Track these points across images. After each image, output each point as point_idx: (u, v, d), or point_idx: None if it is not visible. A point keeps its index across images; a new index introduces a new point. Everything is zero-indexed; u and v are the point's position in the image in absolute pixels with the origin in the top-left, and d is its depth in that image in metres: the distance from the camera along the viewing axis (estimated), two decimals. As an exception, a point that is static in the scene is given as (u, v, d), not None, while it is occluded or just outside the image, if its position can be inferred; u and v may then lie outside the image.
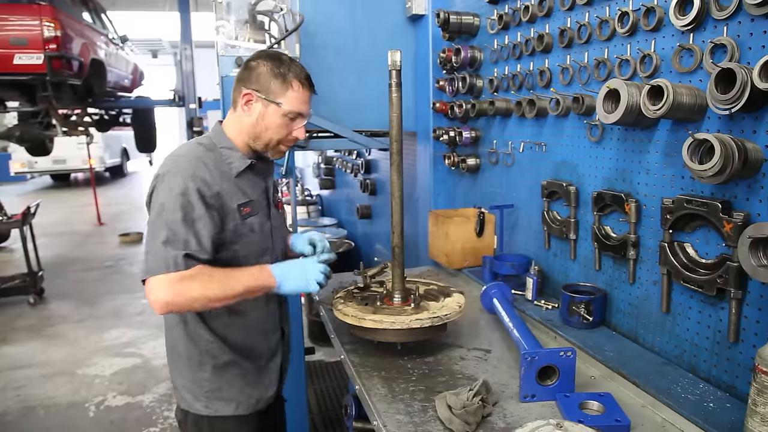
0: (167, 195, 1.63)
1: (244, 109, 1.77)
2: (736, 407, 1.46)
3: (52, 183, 18.15)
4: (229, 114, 1.84)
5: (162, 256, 1.58)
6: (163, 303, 1.58)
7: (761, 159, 1.42)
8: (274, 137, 1.80)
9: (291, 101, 1.76)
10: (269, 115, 1.76)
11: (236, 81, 1.79)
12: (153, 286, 1.58)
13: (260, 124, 1.77)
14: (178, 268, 1.58)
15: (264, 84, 1.74)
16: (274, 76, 1.74)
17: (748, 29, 1.44)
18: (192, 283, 1.59)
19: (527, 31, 2.42)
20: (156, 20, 18.90)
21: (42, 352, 5.26)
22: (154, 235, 1.61)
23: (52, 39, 6.84)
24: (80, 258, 8.73)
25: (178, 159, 1.71)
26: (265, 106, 1.75)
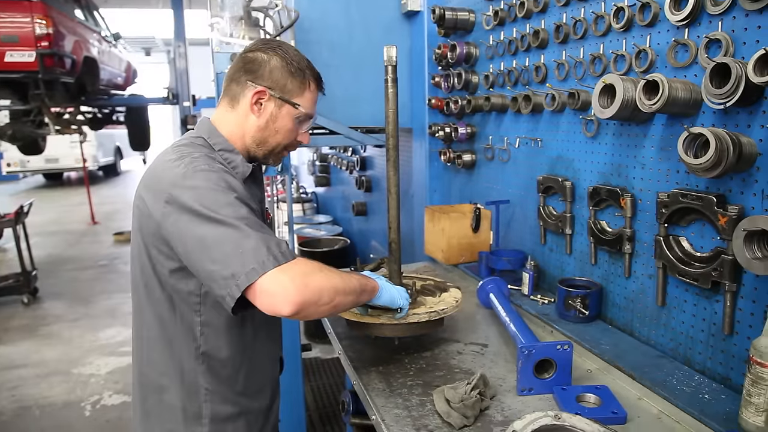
0: (211, 194, 1.28)
1: (253, 110, 1.51)
2: (731, 398, 1.47)
3: (45, 182, 18.04)
4: (224, 111, 1.55)
5: (263, 248, 1.22)
6: (294, 299, 1.22)
7: (755, 153, 1.43)
8: (282, 142, 1.57)
9: (307, 102, 1.55)
10: (282, 118, 1.53)
11: (238, 73, 1.52)
12: (272, 284, 1.21)
13: (270, 127, 1.53)
14: (287, 258, 1.25)
15: (280, 81, 1.50)
16: (291, 73, 1.51)
17: (743, 24, 1.45)
18: (315, 273, 1.30)
19: (523, 27, 2.43)
20: (149, 18, 18.83)
21: (36, 352, 5.24)
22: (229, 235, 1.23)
23: (43, 36, 6.79)
24: (74, 257, 8.69)
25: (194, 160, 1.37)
26: (278, 107, 1.51)
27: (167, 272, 1.41)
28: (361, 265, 2.16)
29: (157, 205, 1.33)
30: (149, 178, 1.42)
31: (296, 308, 1.22)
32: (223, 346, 1.50)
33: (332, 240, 5.65)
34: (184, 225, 1.28)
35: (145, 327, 1.51)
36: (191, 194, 1.28)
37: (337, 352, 2.03)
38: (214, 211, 1.26)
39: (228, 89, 1.55)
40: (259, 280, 1.20)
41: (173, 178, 1.33)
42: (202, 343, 1.48)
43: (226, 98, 1.55)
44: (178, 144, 1.49)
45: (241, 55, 1.55)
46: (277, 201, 5.72)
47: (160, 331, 1.48)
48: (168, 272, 1.41)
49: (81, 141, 10.09)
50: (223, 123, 1.55)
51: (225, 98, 1.56)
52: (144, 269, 1.46)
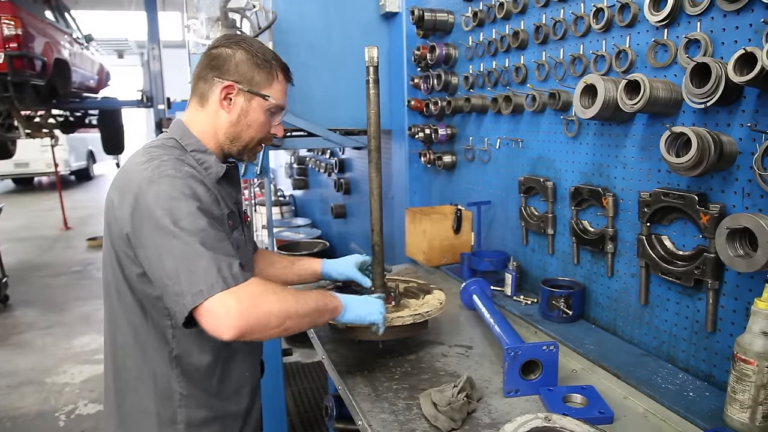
0: (173, 203, 1.27)
1: (223, 105, 1.49)
2: (715, 395, 1.48)
3: (15, 187, 17.61)
4: (194, 111, 1.53)
5: (213, 270, 1.21)
6: (237, 323, 1.20)
7: (736, 151, 1.44)
8: (255, 136, 1.55)
9: (276, 94, 1.54)
10: (253, 111, 1.51)
11: (205, 71, 1.50)
12: (217, 307, 1.20)
13: (242, 121, 1.51)
14: (237, 281, 1.23)
15: (247, 74, 1.48)
16: (257, 65, 1.49)
17: (721, 24, 1.47)
18: (265, 295, 1.27)
19: (502, 28, 2.43)
20: (122, 20, 18.52)
21: (7, 361, 5.09)
22: (184, 250, 1.23)
23: (12, 38, 6.62)
24: (46, 263, 8.48)
25: (162, 164, 1.35)
26: (248, 100, 1.50)
27: (135, 276, 1.39)
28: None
29: (124, 208, 1.32)
30: (119, 180, 1.40)
31: (239, 333, 1.20)
32: (196, 351, 1.47)
33: (311, 243, 5.61)
34: (145, 232, 1.28)
35: (119, 332, 1.48)
36: (154, 201, 1.27)
37: (321, 356, 2.00)
38: (174, 222, 1.25)
39: (196, 88, 1.53)
40: (205, 302, 1.20)
41: (139, 182, 1.31)
42: (175, 347, 1.45)
43: (195, 97, 1.54)
44: (150, 145, 1.48)
45: (205, 53, 1.53)
46: (255, 204, 5.66)
47: (132, 336, 1.45)
48: (136, 276, 1.39)
49: (52, 145, 9.86)
50: (195, 123, 1.53)
51: (194, 98, 1.54)
52: (115, 273, 1.43)
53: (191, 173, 1.37)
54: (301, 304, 1.37)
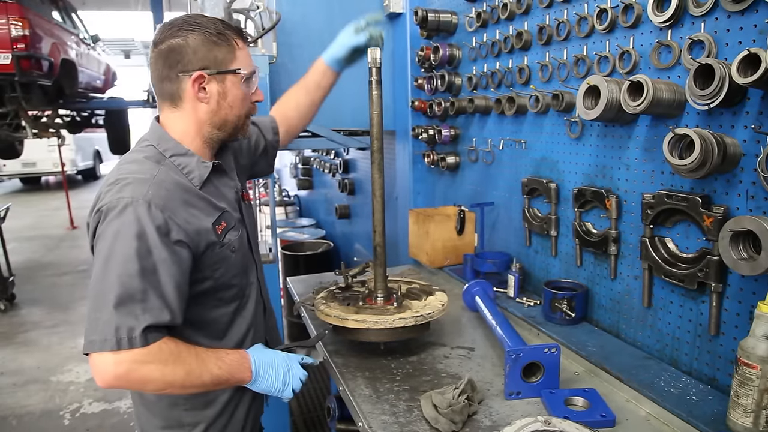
0: (116, 240, 1.26)
1: (199, 97, 1.42)
2: (718, 399, 1.47)
3: (22, 186, 17.72)
4: (169, 113, 1.47)
5: (112, 326, 1.22)
6: (109, 380, 1.26)
7: (739, 153, 1.43)
8: (241, 113, 1.50)
9: (243, 62, 1.46)
10: (230, 90, 1.45)
11: (165, 70, 1.41)
12: (97, 364, 1.24)
13: (223, 105, 1.45)
14: (133, 346, 1.24)
15: (209, 57, 1.39)
16: (214, 43, 1.40)
17: (725, 25, 1.46)
18: (152, 364, 1.27)
19: (506, 29, 2.42)
20: (128, 20, 18.59)
21: (13, 360, 5.13)
22: (101, 292, 1.25)
23: (20, 38, 6.66)
24: (52, 263, 8.53)
25: (123, 188, 1.31)
26: (221, 82, 1.43)
27: None
28: (345, 270, 2.14)
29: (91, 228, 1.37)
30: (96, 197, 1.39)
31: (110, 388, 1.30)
32: None
33: (315, 243, 5.61)
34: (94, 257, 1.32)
35: None
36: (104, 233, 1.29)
37: (322, 357, 2.00)
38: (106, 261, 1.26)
39: (162, 91, 1.46)
40: (92, 355, 1.25)
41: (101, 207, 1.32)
42: None
43: (166, 100, 1.46)
44: (124, 161, 1.45)
45: (155, 51, 1.42)
46: (260, 204, 5.66)
47: None
48: None
49: (59, 145, 9.92)
50: (173, 124, 1.47)
51: (164, 101, 1.47)
52: None
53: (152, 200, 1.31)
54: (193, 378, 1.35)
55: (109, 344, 1.22)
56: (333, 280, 2.49)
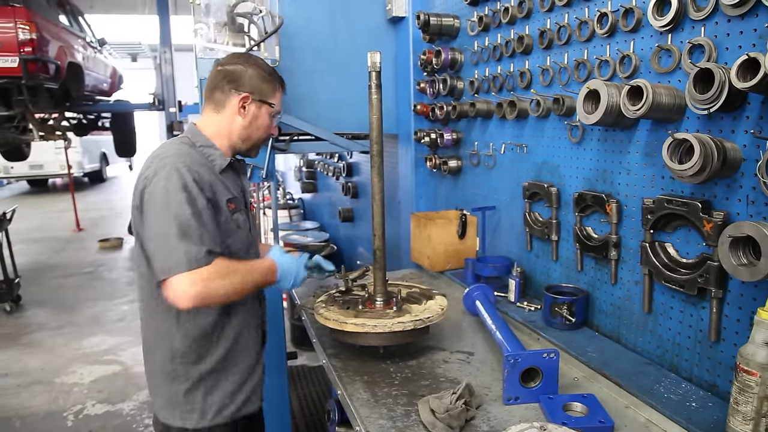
0: (168, 191, 1.59)
1: (240, 112, 1.80)
2: (718, 406, 1.46)
3: (29, 188, 17.83)
4: (210, 116, 1.83)
5: (182, 252, 1.54)
6: (191, 297, 1.55)
7: (740, 158, 1.42)
8: (262, 136, 1.89)
9: (278, 101, 1.88)
10: (262, 116, 1.84)
11: (222, 83, 1.80)
12: (178, 284, 1.55)
13: (253, 125, 1.83)
14: (200, 264, 1.56)
15: (257, 87, 1.81)
16: (263, 79, 1.82)
17: (725, 30, 1.45)
18: (218, 279, 1.59)
19: (507, 33, 2.42)
20: (135, 23, 18.69)
21: (18, 361, 5.15)
22: (164, 232, 1.57)
23: (27, 42, 6.70)
24: (58, 264, 8.57)
25: (166, 157, 1.67)
26: (258, 107, 1.82)
27: None
28: (346, 273, 2.14)
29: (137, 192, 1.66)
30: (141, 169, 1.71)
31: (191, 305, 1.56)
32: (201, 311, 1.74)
33: (319, 246, 5.61)
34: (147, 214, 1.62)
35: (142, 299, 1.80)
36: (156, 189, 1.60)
37: (322, 360, 2.00)
38: (166, 208, 1.58)
39: (211, 97, 1.83)
40: (171, 278, 1.55)
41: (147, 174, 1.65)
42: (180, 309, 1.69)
43: (211, 105, 1.83)
44: (162, 146, 1.78)
45: (219, 68, 1.83)
46: (263, 207, 5.67)
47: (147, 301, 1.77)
48: None
49: (66, 147, 9.97)
50: (209, 125, 1.83)
51: (209, 105, 1.84)
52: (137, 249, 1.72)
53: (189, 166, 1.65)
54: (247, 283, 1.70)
55: (183, 267, 1.54)
56: (333, 284, 2.49)
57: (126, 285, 7.48)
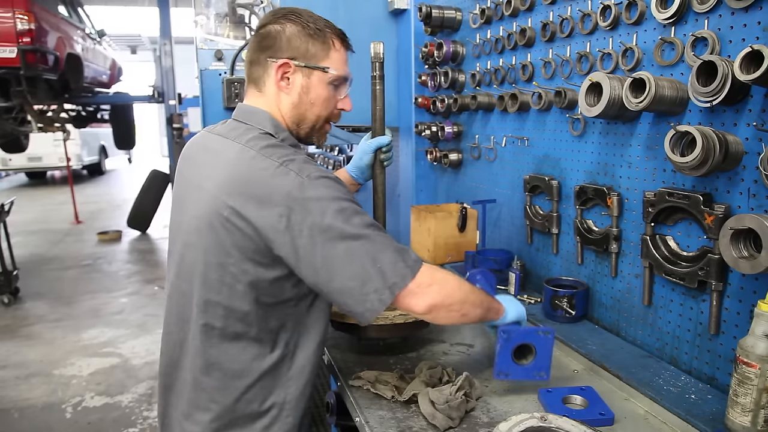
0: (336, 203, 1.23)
1: (281, 86, 1.40)
2: (717, 398, 1.46)
3: (28, 181, 17.81)
4: (255, 98, 1.44)
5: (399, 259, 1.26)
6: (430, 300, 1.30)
7: (741, 151, 1.42)
8: (321, 114, 1.46)
9: (336, 63, 1.42)
10: (314, 87, 1.41)
11: (256, 54, 1.40)
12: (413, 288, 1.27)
13: (304, 100, 1.41)
14: (419, 264, 1.30)
15: (300, 48, 1.37)
16: (310, 36, 1.38)
17: (729, 22, 1.45)
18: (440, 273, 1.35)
19: (509, 26, 2.41)
20: (135, 15, 18.64)
21: (16, 353, 5.15)
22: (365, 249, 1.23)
23: (25, 32, 6.70)
24: (57, 257, 8.56)
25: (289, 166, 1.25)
26: (307, 76, 1.40)
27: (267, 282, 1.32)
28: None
29: (270, 219, 1.22)
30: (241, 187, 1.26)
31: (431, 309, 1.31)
32: None
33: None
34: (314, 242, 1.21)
35: None
36: (316, 208, 1.21)
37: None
38: (347, 224, 1.22)
39: (250, 75, 1.45)
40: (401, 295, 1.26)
41: (289, 189, 1.22)
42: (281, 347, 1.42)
43: (251, 84, 1.45)
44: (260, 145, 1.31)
45: (254, 35, 1.44)
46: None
47: None
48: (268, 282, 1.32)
49: (65, 139, 9.96)
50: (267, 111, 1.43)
51: (250, 85, 1.45)
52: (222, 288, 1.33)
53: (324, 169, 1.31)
54: (473, 296, 1.42)
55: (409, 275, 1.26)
56: None
57: (125, 278, 7.48)
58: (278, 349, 1.41)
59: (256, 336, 1.37)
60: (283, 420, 1.44)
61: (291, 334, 1.43)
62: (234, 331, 1.36)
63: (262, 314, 1.36)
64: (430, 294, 1.30)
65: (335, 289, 1.25)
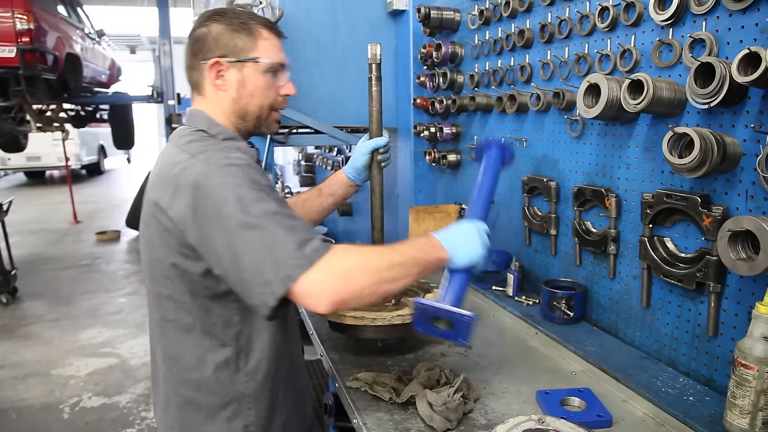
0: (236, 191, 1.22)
1: (217, 85, 1.44)
2: (715, 400, 1.46)
3: (26, 180, 17.79)
4: (199, 102, 1.50)
5: (295, 249, 1.18)
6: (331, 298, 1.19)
7: (739, 153, 1.42)
8: (263, 103, 1.49)
9: (266, 51, 1.45)
10: (250, 78, 1.45)
11: (190, 59, 1.46)
12: (308, 287, 1.18)
13: (243, 93, 1.45)
14: (321, 254, 1.20)
15: (228, 45, 1.42)
16: (235, 31, 1.42)
17: (726, 24, 1.45)
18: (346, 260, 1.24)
19: (508, 27, 2.41)
20: (134, 15, 18.64)
21: (14, 353, 5.15)
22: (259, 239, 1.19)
23: (25, 32, 6.69)
24: (55, 256, 8.56)
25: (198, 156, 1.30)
26: (239, 69, 1.44)
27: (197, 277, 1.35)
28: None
29: (179, 208, 1.27)
30: (162, 181, 1.34)
31: (334, 308, 1.20)
32: None
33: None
34: (213, 230, 1.22)
35: None
36: (218, 194, 1.22)
37: (319, 354, 2.00)
38: (244, 213, 1.20)
39: (190, 81, 1.50)
40: (295, 285, 1.17)
41: (194, 178, 1.25)
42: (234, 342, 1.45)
43: (193, 90, 1.51)
44: (184, 141, 1.39)
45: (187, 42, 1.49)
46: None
47: None
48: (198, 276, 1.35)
49: (63, 139, 9.95)
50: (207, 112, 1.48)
51: (193, 91, 1.51)
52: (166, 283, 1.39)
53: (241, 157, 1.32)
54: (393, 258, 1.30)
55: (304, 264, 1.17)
56: None
57: (123, 278, 7.47)
58: (230, 344, 1.43)
59: (204, 329, 1.41)
60: (245, 413, 1.46)
61: (240, 329, 1.43)
62: (185, 323, 1.41)
63: (204, 308, 1.39)
64: (328, 291, 1.19)
65: (236, 281, 1.23)
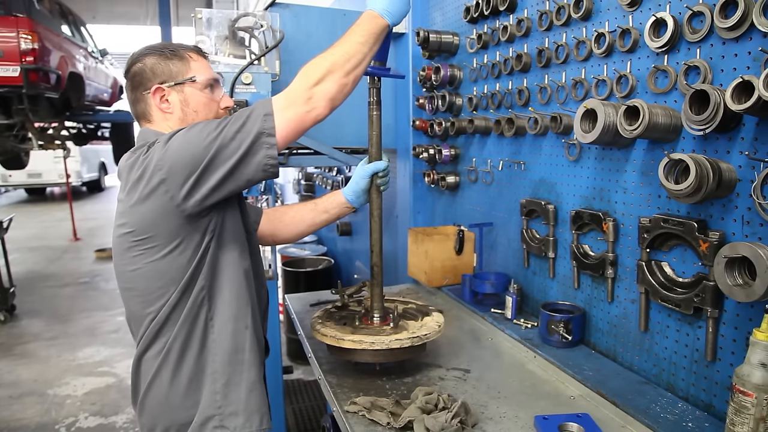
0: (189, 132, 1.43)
1: (162, 109, 1.59)
2: (715, 426, 1.46)
3: (27, 197, 17.81)
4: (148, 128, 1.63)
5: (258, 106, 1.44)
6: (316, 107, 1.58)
7: (735, 179, 1.43)
8: (208, 117, 1.63)
9: (200, 70, 1.61)
10: (191, 97, 1.60)
11: (133, 94, 1.62)
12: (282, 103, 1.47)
13: (187, 111, 1.60)
14: None
15: (165, 72, 1.58)
16: (168, 58, 1.59)
17: (720, 52, 1.47)
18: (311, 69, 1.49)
19: (506, 51, 2.44)
20: (137, 34, 18.81)
21: (10, 372, 5.11)
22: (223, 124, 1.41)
23: (29, 51, 6.74)
24: (54, 274, 8.54)
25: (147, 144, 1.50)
26: (180, 91, 1.59)
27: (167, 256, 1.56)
28: (342, 288, 2.14)
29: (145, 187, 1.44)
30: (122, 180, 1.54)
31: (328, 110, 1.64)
32: None
33: (316, 260, 5.61)
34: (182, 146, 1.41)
35: None
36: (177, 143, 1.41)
37: (317, 376, 1.99)
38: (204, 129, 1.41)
39: (136, 114, 1.65)
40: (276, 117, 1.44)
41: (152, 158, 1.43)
42: None
43: (141, 121, 1.65)
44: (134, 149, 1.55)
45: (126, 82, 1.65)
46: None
47: None
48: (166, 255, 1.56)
49: (65, 156, 9.97)
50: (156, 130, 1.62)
51: (140, 122, 1.66)
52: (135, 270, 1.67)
53: None
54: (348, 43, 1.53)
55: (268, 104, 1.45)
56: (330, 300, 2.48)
57: (122, 296, 7.44)
58: None
59: None
60: None
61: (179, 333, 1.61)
62: None
63: None
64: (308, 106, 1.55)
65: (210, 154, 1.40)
